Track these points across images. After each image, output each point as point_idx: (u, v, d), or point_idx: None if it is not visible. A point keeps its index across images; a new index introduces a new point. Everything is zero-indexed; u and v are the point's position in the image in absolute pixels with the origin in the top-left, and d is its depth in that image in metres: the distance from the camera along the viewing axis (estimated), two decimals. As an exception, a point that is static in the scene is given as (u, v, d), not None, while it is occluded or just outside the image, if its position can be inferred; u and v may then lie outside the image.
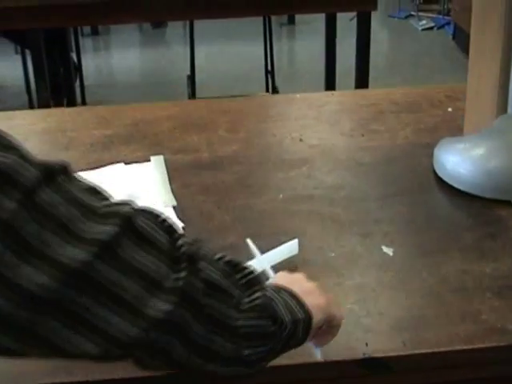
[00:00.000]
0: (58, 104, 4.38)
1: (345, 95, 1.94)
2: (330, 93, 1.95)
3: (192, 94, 4.23)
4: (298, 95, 1.90)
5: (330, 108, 1.81)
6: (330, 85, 4.43)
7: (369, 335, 1.09)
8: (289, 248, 1.26)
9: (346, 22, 4.33)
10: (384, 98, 1.84)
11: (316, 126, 1.72)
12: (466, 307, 1.14)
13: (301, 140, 1.66)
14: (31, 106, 4.55)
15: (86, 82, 4.69)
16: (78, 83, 4.62)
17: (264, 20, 4.37)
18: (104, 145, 1.66)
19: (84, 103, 4.64)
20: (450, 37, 5.67)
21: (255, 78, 4.63)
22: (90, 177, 1.52)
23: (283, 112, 1.80)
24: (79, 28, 5.21)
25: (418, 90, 1.90)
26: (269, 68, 4.43)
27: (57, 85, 4.33)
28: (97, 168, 1.56)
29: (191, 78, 4.21)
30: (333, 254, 1.27)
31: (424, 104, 1.81)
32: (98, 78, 5.10)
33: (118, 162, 1.58)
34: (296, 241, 1.26)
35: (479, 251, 1.27)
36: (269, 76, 4.45)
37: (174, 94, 4.65)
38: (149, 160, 1.59)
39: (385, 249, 1.28)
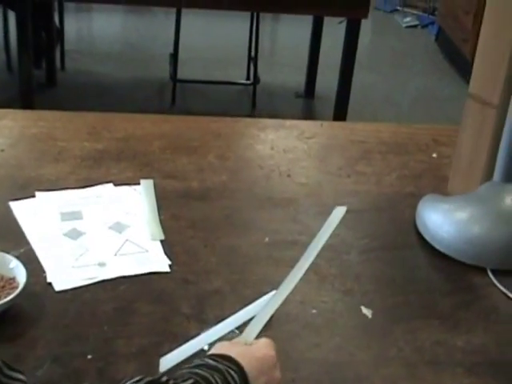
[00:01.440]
0: (37, 67, 4.36)
1: (334, 127, 1.97)
2: (319, 123, 1.97)
3: (174, 75, 4.22)
4: (287, 122, 1.92)
5: (319, 141, 1.84)
6: (311, 80, 4.47)
7: (344, 405, 1.13)
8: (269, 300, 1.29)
9: (334, 19, 4.35)
10: (373, 135, 1.88)
11: (304, 161, 1.76)
12: (438, 382, 1.19)
13: (288, 176, 1.69)
14: (9, 67, 4.50)
15: (66, 47, 4.65)
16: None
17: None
18: (94, 160, 1.67)
19: (63, 68, 4.61)
20: (433, 37, 5.71)
21: (238, 64, 4.63)
22: (79, 195, 1.55)
23: (272, 141, 1.83)
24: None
25: (406, 130, 1.94)
26: (252, 55, 4.43)
27: (37, 48, 4.30)
28: (86, 187, 1.57)
29: (174, 57, 4.20)
30: (314, 311, 1.30)
31: (411, 147, 1.85)
32: (78, 43, 5.06)
33: (107, 182, 1.60)
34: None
35: (454, 320, 1.32)
36: (251, 64, 4.46)
37: (154, 71, 4.63)
38: (138, 183, 1.60)
39: (364, 310, 1.32)
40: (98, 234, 1.44)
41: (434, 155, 1.82)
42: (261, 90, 4.37)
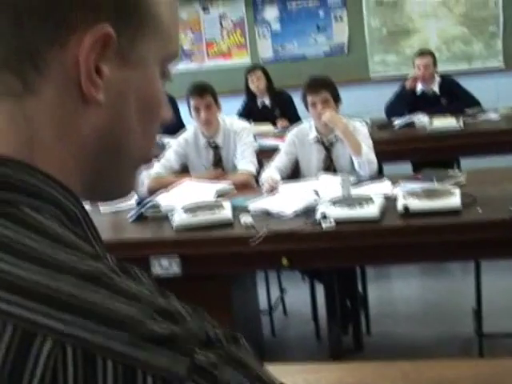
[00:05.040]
0: (345, 333, 4.56)
1: None
2: None
3: (478, 329, 4.21)
4: None
5: None
6: None
7: None
8: None
9: None
10: None
11: None
12: None
13: None
14: (318, 335, 4.76)
15: (370, 312, 4.84)
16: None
17: None
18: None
19: (368, 333, 4.78)
20: None
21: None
22: None
23: None
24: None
25: None
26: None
27: (344, 315, 4.53)
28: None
29: (477, 312, 4.20)
30: None
31: None
32: (380, 308, 5.24)
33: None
34: None
35: None
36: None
37: (457, 327, 4.65)
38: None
39: None
40: None
41: None
42: None
